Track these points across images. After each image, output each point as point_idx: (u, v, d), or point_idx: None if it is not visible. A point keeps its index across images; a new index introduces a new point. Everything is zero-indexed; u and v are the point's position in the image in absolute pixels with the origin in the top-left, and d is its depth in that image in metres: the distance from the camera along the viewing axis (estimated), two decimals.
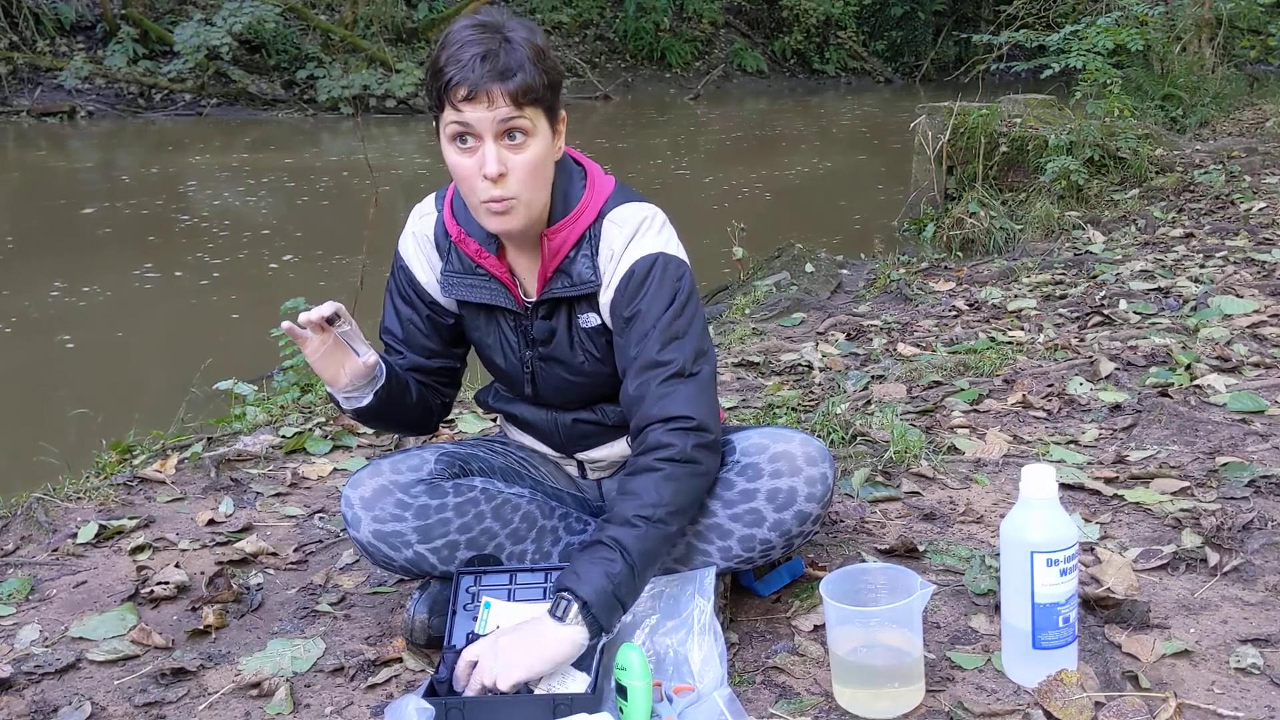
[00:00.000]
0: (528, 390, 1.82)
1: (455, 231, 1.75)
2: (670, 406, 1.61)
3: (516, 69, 1.55)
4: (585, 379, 1.78)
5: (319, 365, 1.68)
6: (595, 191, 1.71)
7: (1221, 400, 2.71)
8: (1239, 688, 1.56)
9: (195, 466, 2.67)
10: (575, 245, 1.69)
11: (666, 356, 1.63)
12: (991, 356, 3.23)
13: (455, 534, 1.74)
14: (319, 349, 1.67)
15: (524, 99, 1.55)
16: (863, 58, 18.95)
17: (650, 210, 1.72)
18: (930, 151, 6.24)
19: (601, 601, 1.52)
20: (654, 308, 1.65)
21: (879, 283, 4.70)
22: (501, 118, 1.55)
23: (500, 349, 1.80)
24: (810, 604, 1.83)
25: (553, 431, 1.87)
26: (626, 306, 1.67)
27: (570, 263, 1.69)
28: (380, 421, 1.84)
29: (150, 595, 1.99)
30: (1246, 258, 4.31)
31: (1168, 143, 7.12)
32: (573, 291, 1.70)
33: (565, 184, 1.70)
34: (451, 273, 1.77)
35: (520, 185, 1.59)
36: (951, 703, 1.55)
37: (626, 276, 1.67)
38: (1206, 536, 2.00)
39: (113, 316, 5.53)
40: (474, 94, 1.54)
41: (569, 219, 1.68)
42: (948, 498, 2.28)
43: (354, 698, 1.66)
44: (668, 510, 1.57)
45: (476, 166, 1.58)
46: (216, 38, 13.05)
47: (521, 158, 1.58)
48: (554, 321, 1.74)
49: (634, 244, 1.68)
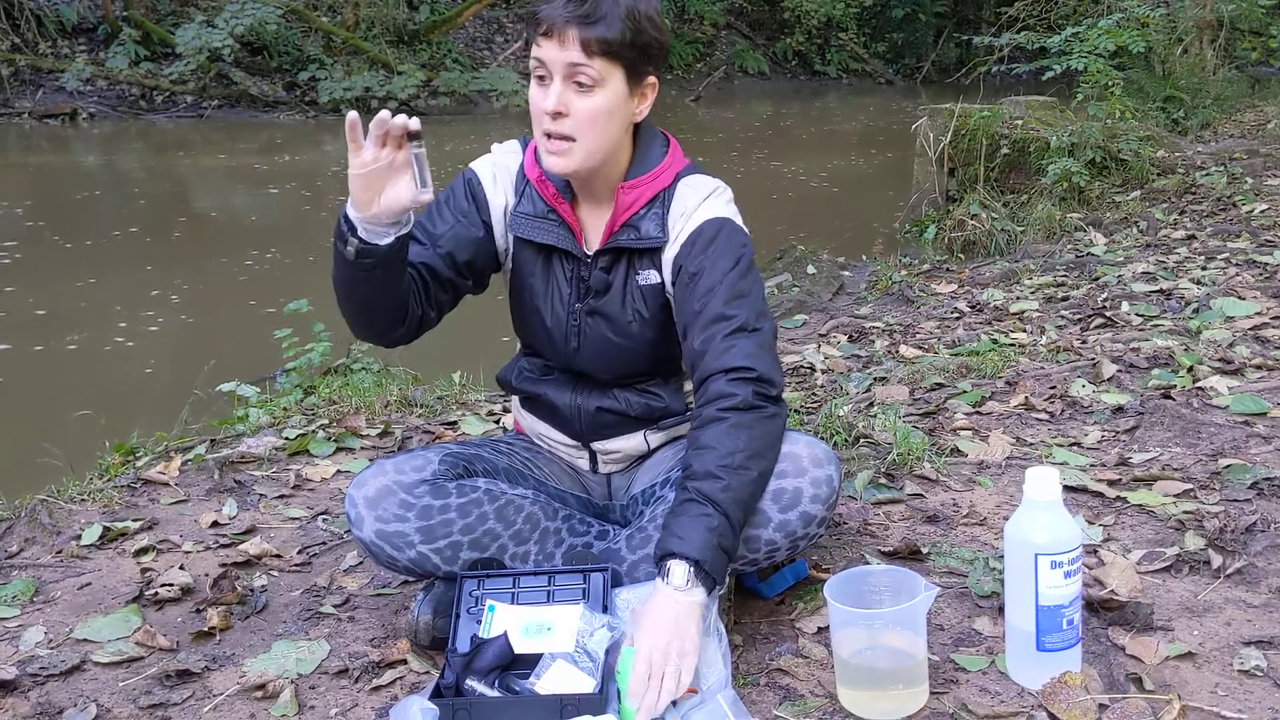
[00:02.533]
0: (572, 344, 1.83)
1: (536, 173, 1.79)
2: (732, 359, 1.64)
3: (599, 18, 1.60)
4: (628, 341, 1.81)
5: (362, 180, 1.57)
6: (675, 158, 1.79)
7: (1224, 402, 2.71)
8: (1242, 690, 1.57)
9: (199, 468, 2.67)
10: (648, 204, 1.75)
11: (731, 311, 1.67)
12: (994, 358, 3.23)
13: (458, 535, 1.74)
14: (371, 163, 1.56)
15: (597, 48, 1.61)
16: (864, 59, 18.96)
17: (721, 183, 1.81)
18: (932, 153, 6.24)
19: (711, 557, 1.54)
20: (720, 265, 1.71)
21: (881, 284, 4.70)
22: (571, 61, 1.61)
23: (551, 298, 1.82)
24: (814, 606, 1.83)
25: (574, 417, 1.88)
26: (693, 262, 1.72)
27: (640, 218, 1.75)
28: (367, 286, 1.67)
29: (154, 597, 2.00)
30: (1248, 260, 4.31)
31: (1169, 144, 7.12)
32: (637, 244, 1.75)
33: (647, 145, 1.77)
34: (523, 213, 1.80)
35: (577, 129, 1.65)
36: (955, 705, 1.55)
37: (695, 234, 1.73)
38: (1209, 539, 2.00)
39: (115, 318, 5.53)
40: (550, 31, 1.61)
41: (647, 176, 1.75)
42: (951, 500, 2.28)
43: (358, 699, 1.67)
44: (745, 456, 1.60)
45: (542, 100, 1.64)
46: (218, 39, 13.05)
47: (584, 103, 1.64)
48: (611, 275, 1.79)
49: (705, 205, 1.76)
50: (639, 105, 1.72)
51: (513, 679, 1.58)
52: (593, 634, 1.61)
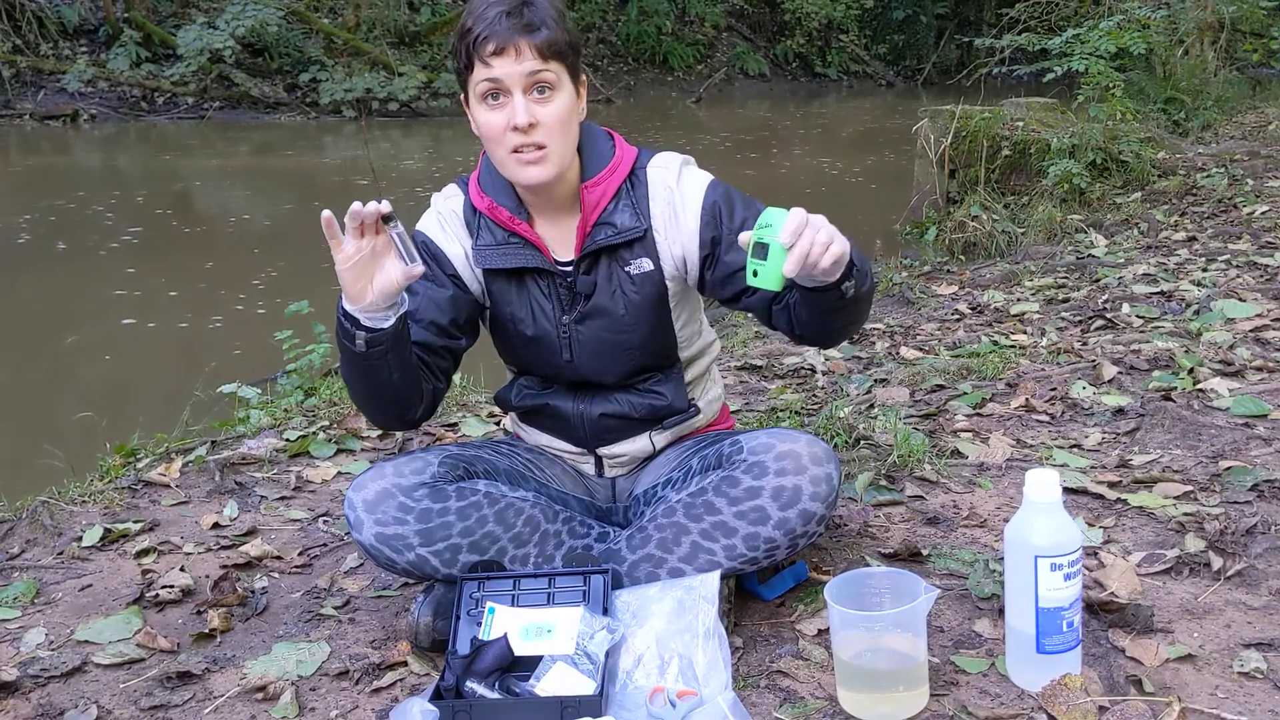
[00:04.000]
0: (565, 357, 1.83)
1: (485, 203, 1.80)
2: None
3: (540, 24, 1.64)
4: (625, 336, 1.81)
5: (351, 274, 1.58)
6: (624, 149, 1.82)
7: (1224, 404, 2.71)
8: (1243, 692, 1.57)
9: (199, 470, 2.67)
10: (614, 196, 1.77)
11: None
12: (994, 360, 3.23)
13: (457, 537, 1.74)
14: (354, 255, 1.57)
15: (549, 52, 1.65)
16: (864, 61, 18.97)
17: (682, 156, 1.84)
18: (932, 155, 6.25)
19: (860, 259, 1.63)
20: (740, 212, 1.77)
21: (881, 286, 4.70)
22: (529, 70, 1.64)
23: (533, 317, 1.83)
24: (814, 608, 1.83)
25: (578, 425, 1.89)
26: (724, 227, 1.76)
27: (611, 213, 1.77)
28: (384, 372, 1.68)
29: (155, 598, 2.00)
30: (1249, 261, 4.31)
31: (1170, 146, 7.13)
32: (617, 239, 1.77)
33: (593, 143, 1.80)
34: (483, 246, 1.81)
35: (548, 135, 1.67)
36: (955, 707, 1.55)
37: (710, 207, 1.78)
38: (1210, 541, 2.00)
39: (116, 319, 5.54)
40: (502, 48, 1.63)
41: (606, 171, 1.77)
42: (951, 501, 2.28)
43: (359, 701, 1.67)
44: None
45: (506, 120, 1.66)
46: (219, 41, 13.07)
47: (549, 109, 1.67)
48: (594, 275, 1.80)
49: (688, 178, 1.80)
50: (580, 103, 1.76)
51: (513, 681, 1.58)
52: (593, 636, 1.61)
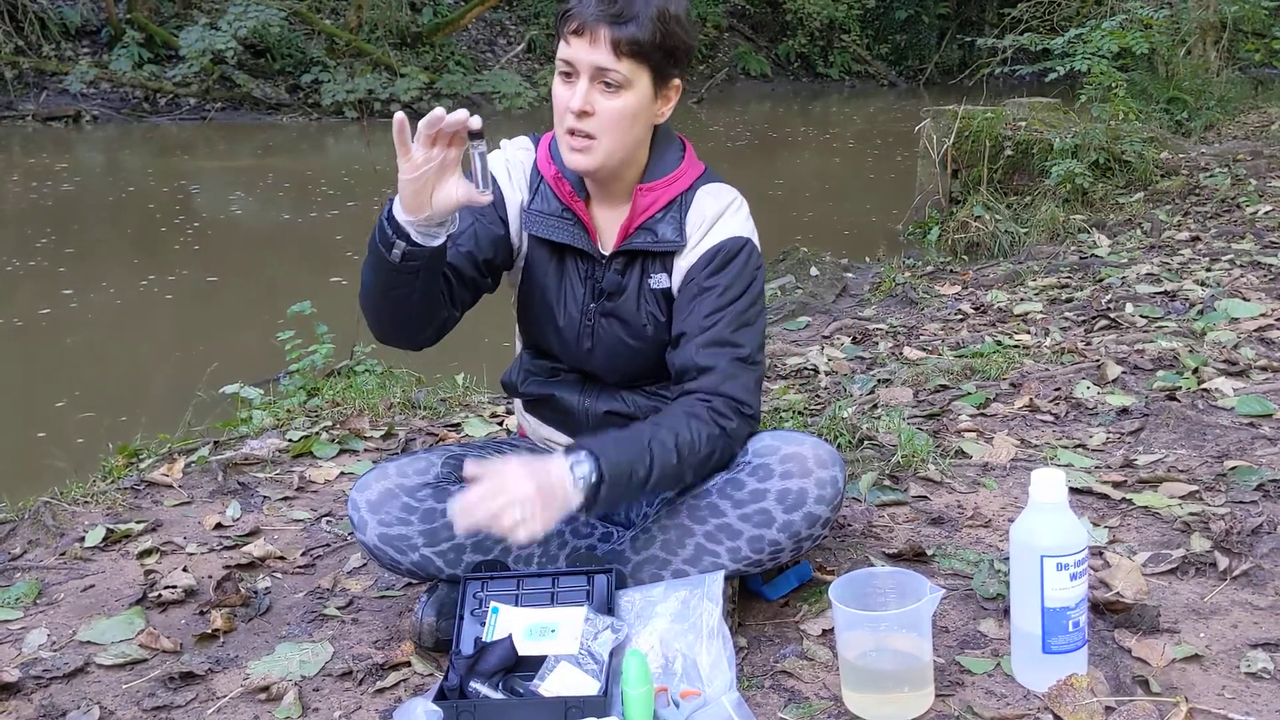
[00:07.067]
0: (585, 345, 1.81)
1: (551, 171, 1.78)
2: (738, 390, 1.68)
3: (630, 18, 1.60)
4: (642, 345, 1.80)
5: (413, 183, 1.52)
6: (692, 164, 1.80)
7: (1229, 404, 2.70)
8: (1250, 692, 1.56)
9: (202, 470, 2.67)
10: (665, 207, 1.75)
11: (739, 339, 1.70)
12: (998, 360, 3.23)
13: (461, 537, 1.74)
14: (422, 165, 1.51)
15: (626, 49, 1.61)
16: (867, 61, 18.95)
17: (738, 194, 1.81)
18: (935, 155, 6.24)
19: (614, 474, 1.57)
20: (735, 288, 1.72)
21: (884, 286, 4.69)
22: (599, 63, 1.61)
23: (564, 298, 1.81)
24: (819, 608, 1.82)
25: (582, 419, 1.88)
26: (706, 277, 1.73)
27: (656, 221, 1.75)
28: (407, 289, 1.63)
29: (158, 599, 2.00)
30: (1253, 261, 4.30)
31: (1173, 146, 7.11)
32: (654, 247, 1.75)
33: (664, 149, 1.77)
34: (538, 210, 1.79)
35: (600, 128, 1.65)
36: (961, 707, 1.55)
37: (715, 249, 1.73)
38: (1215, 540, 1.99)
39: (119, 320, 5.54)
40: (581, 30, 1.61)
41: (666, 180, 1.75)
42: (955, 502, 2.28)
43: (362, 701, 1.66)
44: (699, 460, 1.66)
45: (568, 98, 1.64)
46: (221, 42, 13.06)
47: (610, 104, 1.64)
48: (625, 278, 1.78)
49: (726, 219, 1.76)
50: (662, 107, 1.72)
51: (517, 681, 1.58)
52: (597, 636, 1.61)
